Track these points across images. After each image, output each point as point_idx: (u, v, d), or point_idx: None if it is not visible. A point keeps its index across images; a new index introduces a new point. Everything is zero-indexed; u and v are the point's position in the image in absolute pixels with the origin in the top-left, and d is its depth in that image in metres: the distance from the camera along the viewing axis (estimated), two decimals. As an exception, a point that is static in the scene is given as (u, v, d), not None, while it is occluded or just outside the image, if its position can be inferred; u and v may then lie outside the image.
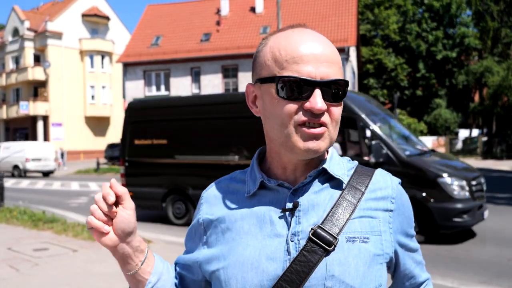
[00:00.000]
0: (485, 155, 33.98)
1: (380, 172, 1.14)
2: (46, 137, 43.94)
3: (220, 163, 9.74)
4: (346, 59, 28.86)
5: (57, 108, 43.74)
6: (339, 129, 1.08)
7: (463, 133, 44.79)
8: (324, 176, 1.10)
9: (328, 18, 31.37)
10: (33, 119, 44.30)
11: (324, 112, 1.01)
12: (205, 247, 1.14)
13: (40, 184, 23.14)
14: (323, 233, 1.01)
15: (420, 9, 42.52)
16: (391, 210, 1.09)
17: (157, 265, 1.15)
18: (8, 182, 22.88)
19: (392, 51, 42.12)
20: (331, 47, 1.05)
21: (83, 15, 46.18)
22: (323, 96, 1.00)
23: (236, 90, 31.47)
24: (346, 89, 1.04)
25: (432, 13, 41.81)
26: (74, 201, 15.45)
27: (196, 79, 32.49)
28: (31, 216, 10.64)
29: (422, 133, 36.63)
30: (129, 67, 33.52)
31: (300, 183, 1.07)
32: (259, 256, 1.04)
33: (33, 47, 45.25)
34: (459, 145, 37.12)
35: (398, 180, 1.15)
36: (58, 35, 44.16)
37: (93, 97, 45.62)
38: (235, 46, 31.58)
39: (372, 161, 8.07)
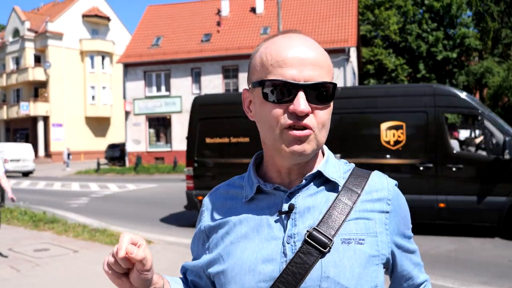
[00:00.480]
0: (485, 156, 33.92)
1: (376, 174, 1.16)
2: (46, 137, 43.98)
3: None
4: (346, 59, 28.87)
5: (57, 109, 43.77)
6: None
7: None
8: (319, 179, 1.11)
9: (328, 19, 31.39)
10: (34, 120, 44.34)
11: (309, 115, 1.02)
12: (207, 253, 1.18)
13: (41, 184, 23.15)
14: (319, 235, 1.03)
15: (421, 9, 42.48)
16: (387, 212, 1.10)
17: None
18: (9, 183, 22.88)
19: (393, 51, 42.08)
20: (319, 51, 1.06)
21: (84, 16, 46.23)
22: (308, 98, 1.01)
23: (236, 90, 31.48)
24: (334, 92, 1.05)
25: (432, 13, 41.78)
26: (74, 202, 15.46)
27: (196, 79, 32.50)
28: (31, 217, 10.65)
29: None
30: (130, 67, 33.53)
31: (296, 186, 1.09)
32: (256, 258, 1.06)
33: (34, 47, 45.29)
34: (460, 146, 37.07)
35: (395, 182, 1.16)
36: (58, 36, 44.19)
37: (93, 97, 45.67)
38: (236, 46, 31.60)
39: (506, 157, 7.93)
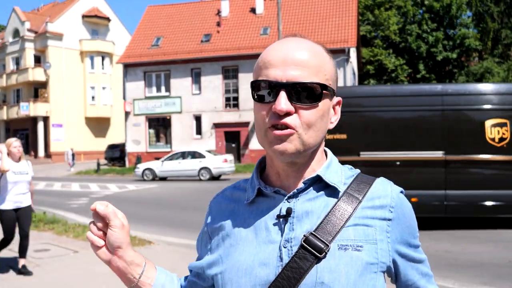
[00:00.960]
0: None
1: (381, 181, 1.14)
2: (46, 138, 43.99)
3: (420, 159, 8.98)
4: (346, 60, 28.89)
5: (57, 109, 43.77)
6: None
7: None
8: (319, 184, 1.10)
9: (328, 19, 31.41)
10: (34, 120, 44.34)
11: (292, 114, 1.02)
12: (209, 253, 1.19)
13: (41, 185, 23.15)
14: (315, 240, 1.02)
15: (421, 10, 42.49)
16: (389, 219, 1.08)
17: (158, 277, 1.20)
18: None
19: (393, 52, 42.10)
20: (307, 51, 1.05)
21: (84, 16, 46.25)
22: (291, 98, 1.01)
23: (236, 91, 31.50)
24: (322, 92, 1.04)
25: (432, 14, 41.79)
26: (74, 202, 15.46)
27: (196, 80, 32.51)
28: (31, 217, 10.63)
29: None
30: (130, 68, 33.55)
31: (295, 190, 1.09)
32: (253, 261, 1.07)
33: (34, 48, 45.31)
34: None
35: (400, 189, 1.14)
36: (58, 36, 44.21)
37: (93, 98, 45.68)
38: (236, 47, 31.61)
39: None
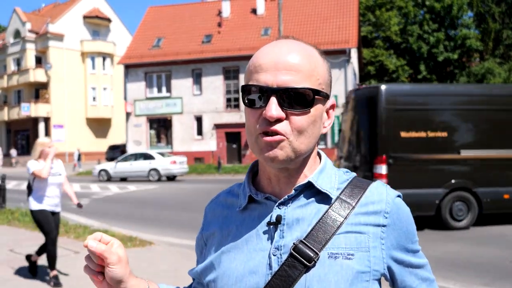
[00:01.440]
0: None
1: (376, 185, 1.10)
2: (47, 138, 43.93)
3: None
4: (347, 60, 28.90)
5: (58, 110, 43.81)
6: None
7: None
8: (311, 190, 1.08)
9: (329, 20, 31.41)
10: (35, 121, 44.36)
11: (282, 120, 1.00)
12: (202, 260, 1.19)
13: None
14: (304, 248, 1.01)
15: (422, 10, 42.48)
16: (384, 225, 1.05)
17: None
18: (10, 184, 22.91)
19: (394, 52, 42.11)
20: (299, 55, 1.02)
21: (85, 17, 46.29)
22: (281, 104, 0.99)
23: (237, 92, 31.49)
24: (314, 97, 1.01)
25: (433, 14, 41.77)
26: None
27: (197, 80, 32.53)
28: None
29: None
30: (131, 68, 33.57)
31: (286, 197, 1.07)
32: (243, 269, 1.06)
33: (35, 49, 45.35)
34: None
35: (396, 193, 1.10)
36: (59, 37, 44.25)
37: (94, 98, 45.71)
38: (236, 47, 31.62)
39: None
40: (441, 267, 6.55)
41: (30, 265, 6.30)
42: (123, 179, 24.81)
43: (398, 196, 1.10)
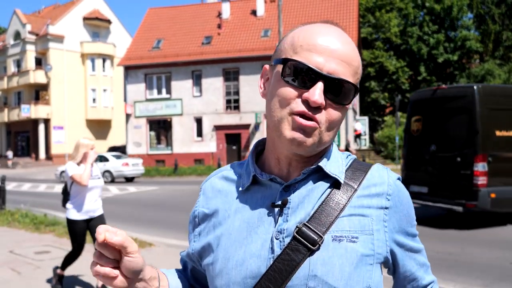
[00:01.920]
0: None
1: (377, 168, 1.09)
2: (47, 140, 44.01)
3: None
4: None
5: (58, 111, 43.82)
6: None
7: None
8: (318, 174, 1.06)
9: (329, 21, 31.42)
10: (35, 122, 44.37)
11: (321, 108, 0.97)
12: (196, 240, 1.15)
13: (42, 187, 23.16)
14: (308, 232, 0.98)
15: (421, 12, 42.49)
16: (386, 208, 1.04)
17: (171, 282, 1.17)
18: (10, 185, 22.91)
19: (393, 54, 42.10)
20: (351, 48, 1.01)
21: (85, 19, 46.32)
22: (325, 91, 0.96)
23: (237, 93, 31.52)
24: (354, 95, 1.00)
25: (433, 16, 41.78)
26: (75, 204, 15.42)
27: (197, 82, 32.53)
28: (32, 219, 10.65)
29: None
30: (130, 70, 33.58)
31: (293, 180, 1.04)
32: (244, 253, 1.03)
33: (35, 50, 45.38)
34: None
35: (397, 175, 1.10)
36: (59, 39, 44.27)
37: (94, 100, 45.73)
38: (236, 49, 31.63)
39: None
40: (441, 268, 6.54)
41: (59, 278, 5.80)
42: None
43: (398, 178, 1.10)
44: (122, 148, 36.08)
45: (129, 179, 25.72)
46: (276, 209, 1.04)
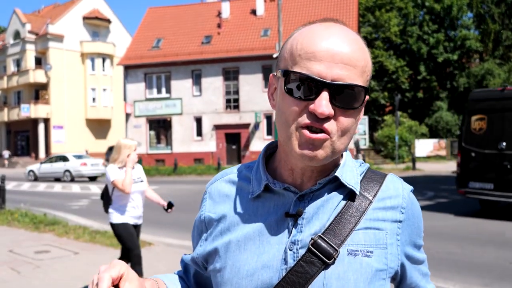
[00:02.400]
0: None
1: (391, 179, 1.07)
2: (47, 139, 44.01)
3: None
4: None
5: (58, 111, 43.82)
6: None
7: None
8: (334, 183, 1.02)
9: (329, 21, 31.41)
10: (34, 122, 44.38)
11: (330, 118, 0.92)
12: (203, 245, 1.12)
13: (41, 186, 23.16)
14: (324, 244, 0.96)
15: (421, 11, 42.51)
16: (400, 221, 1.02)
17: None
18: (10, 185, 22.90)
19: (393, 53, 42.11)
20: (355, 47, 0.95)
21: (84, 18, 46.31)
22: (332, 100, 0.91)
23: (237, 92, 31.53)
24: (365, 96, 0.95)
25: (433, 15, 41.80)
26: (75, 204, 15.45)
27: (197, 81, 32.52)
28: (32, 219, 10.64)
29: (423, 136, 36.58)
30: (130, 69, 33.57)
31: (308, 189, 1.01)
32: (255, 263, 1.00)
33: (34, 49, 45.38)
34: (460, 148, 37.02)
35: (410, 187, 1.07)
36: (59, 38, 44.26)
37: (94, 99, 45.73)
38: (236, 48, 31.63)
39: None
40: (441, 268, 6.54)
41: None
42: (58, 179, 26.50)
43: (411, 190, 1.08)
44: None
45: (92, 178, 26.48)
46: (290, 219, 1.01)
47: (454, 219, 10.63)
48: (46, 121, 43.89)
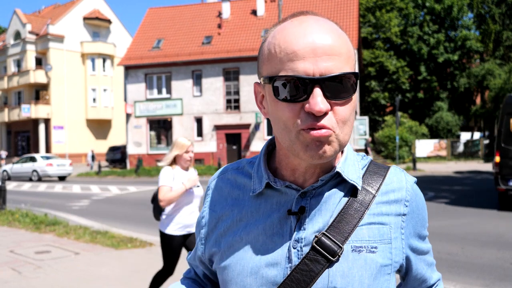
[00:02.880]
0: (486, 158, 33.93)
1: (394, 171, 1.06)
2: (47, 140, 44.01)
3: None
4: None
5: (58, 111, 43.82)
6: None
7: (465, 136, 44.74)
8: (336, 179, 1.02)
9: (329, 21, 31.42)
10: (35, 122, 44.38)
11: (327, 114, 0.90)
12: (205, 242, 1.12)
13: (42, 187, 23.17)
14: (328, 242, 0.95)
15: (422, 12, 42.51)
16: (404, 214, 1.02)
17: None
18: (10, 185, 22.92)
19: (394, 54, 42.10)
20: (334, 35, 0.92)
21: (85, 18, 46.31)
22: (325, 94, 0.89)
23: (237, 93, 31.53)
24: (356, 82, 0.93)
25: (433, 16, 41.81)
26: (76, 204, 15.46)
27: (197, 82, 32.53)
28: (33, 219, 10.65)
29: (424, 136, 36.58)
30: (131, 70, 33.57)
31: (310, 186, 1.00)
32: (259, 261, 1.00)
33: (35, 50, 45.37)
34: (461, 148, 37.06)
35: (414, 179, 1.07)
36: (59, 38, 44.27)
37: (94, 100, 45.73)
38: (237, 49, 31.63)
39: None
40: (442, 269, 6.54)
41: None
42: (31, 179, 27.42)
43: (415, 182, 1.08)
44: (122, 148, 36.09)
45: (61, 178, 27.63)
46: (293, 217, 1.00)
47: (455, 219, 10.64)
48: (47, 121, 43.90)
